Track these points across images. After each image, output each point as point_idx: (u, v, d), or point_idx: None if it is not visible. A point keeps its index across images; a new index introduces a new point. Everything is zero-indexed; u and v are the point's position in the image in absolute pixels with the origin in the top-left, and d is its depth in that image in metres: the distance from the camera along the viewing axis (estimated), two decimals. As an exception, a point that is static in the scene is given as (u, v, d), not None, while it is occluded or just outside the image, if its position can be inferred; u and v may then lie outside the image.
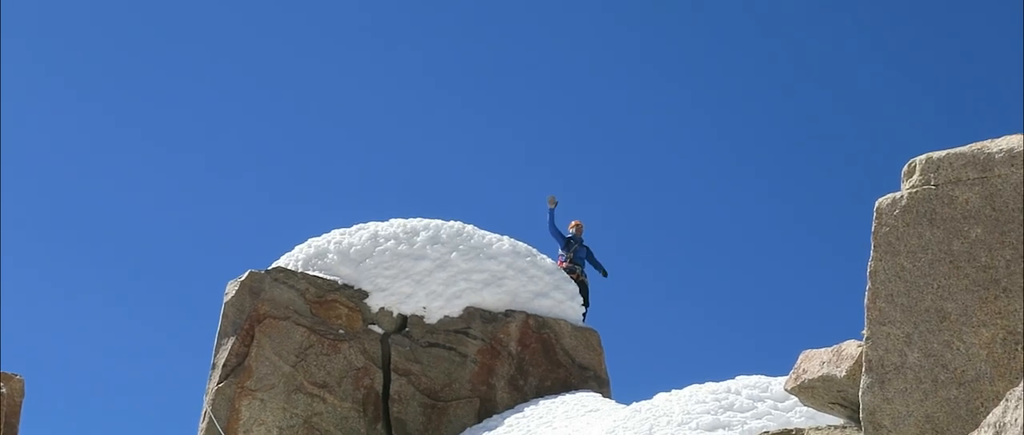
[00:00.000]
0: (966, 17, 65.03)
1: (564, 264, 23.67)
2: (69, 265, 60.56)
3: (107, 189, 61.99)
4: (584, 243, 24.30)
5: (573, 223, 24.42)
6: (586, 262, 24.17)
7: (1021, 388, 4.29)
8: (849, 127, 65.53)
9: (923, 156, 8.86)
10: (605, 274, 24.23)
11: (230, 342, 21.01)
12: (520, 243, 23.27)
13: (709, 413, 15.07)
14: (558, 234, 24.03)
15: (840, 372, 10.54)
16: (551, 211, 24.13)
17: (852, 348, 10.48)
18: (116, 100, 63.02)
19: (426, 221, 23.23)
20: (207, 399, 20.81)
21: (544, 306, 22.40)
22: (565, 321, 22.44)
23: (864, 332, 8.83)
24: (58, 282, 59.42)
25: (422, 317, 21.73)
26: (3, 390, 17.58)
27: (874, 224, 8.83)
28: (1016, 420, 4.29)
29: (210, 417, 20.41)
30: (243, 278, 21.59)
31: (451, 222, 23.29)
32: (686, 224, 63.70)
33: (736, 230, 63.79)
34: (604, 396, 20.83)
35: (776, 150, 65.56)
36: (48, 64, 61.90)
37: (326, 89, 64.77)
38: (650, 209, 62.94)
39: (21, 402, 18.40)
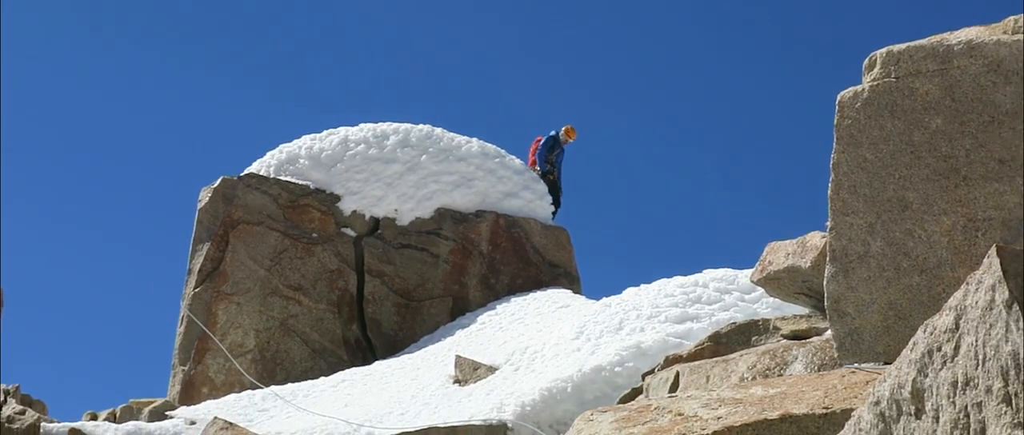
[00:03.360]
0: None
1: (537, 169, 23.51)
2: (41, 176, 60.34)
3: (75, 97, 61.64)
4: (564, 149, 24.10)
5: (570, 129, 23.92)
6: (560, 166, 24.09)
7: (981, 272, 4.36)
8: (810, 21, 65.50)
9: (884, 49, 8.86)
10: (556, 206, 23.84)
11: (205, 248, 21.05)
12: (489, 145, 23.28)
13: (677, 306, 15.18)
14: (546, 156, 23.73)
15: (805, 263, 10.61)
16: (557, 145, 23.80)
17: (816, 239, 10.55)
18: (84, 5, 62.44)
19: (395, 125, 23.21)
20: (184, 304, 20.87)
21: (514, 206, 22.47)
22: (535, 220, 22.51)
23: (828, 223, 8.87)
24: (31, 193, 59.24)
25: (394, 219, 21.78)
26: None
27: (836, 117, 8.84)
28: (977, 302, 4.35)
29: (189, 319, 20.47)
30: (216, 185, 21.59)
31: (420, 125, 23.28)
32: (651, 121, 63.73)
33: (701, 126, 63.93)
34: (574, 292, 20.97)
35: (739, 46, 65.53)
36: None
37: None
38: (616, 105, 62.90)
39: (0, 312, 18.40)
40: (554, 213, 23.32)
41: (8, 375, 19.97)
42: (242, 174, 21.86)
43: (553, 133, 23.88)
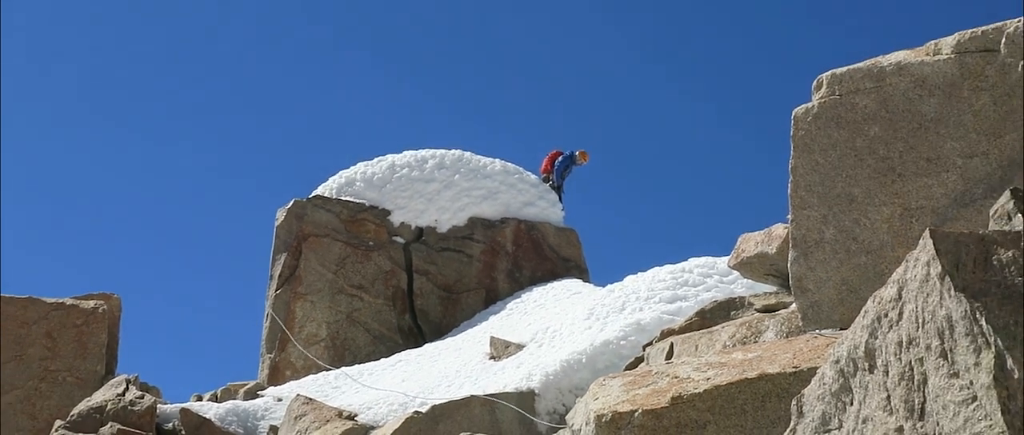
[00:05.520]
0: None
1: (552, 182, 23.42)
2: (152, 202, 60.76)
3: (178, 143, 62.03)
4: (574, 169, 23.97)
5: (584, 153, 23.83)
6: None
7: (918, 251, 4.34)
8: (769, 54, 65.66)
9: (829, 72, 8.85)
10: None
11: (283, 257, 21.07)
12: (509, 164, 23.28)
13: (668, 289, 15.14)
14: (562, 172, 23.62)
15: (771, 249, 10.60)
16: (569, 167, 23.66)
17: (780, 230, 10.54)
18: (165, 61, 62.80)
19: (432, 151, 23.21)
20: (268, 304, 20.89)
21: (532, 213, 22.45)
22: (549, 223, 22.49)
23: (789, 216, 8.86)
24: (143, 220, 59.66)
25: (435, 228, 21.78)
26: (106, 307, 17.62)
27: (792, 129, 8.83)
28: (916, 276, 4.33)
29: (271, 317, 20.50)
30: (289, 206, 21.61)
31: (453, 150, 23.27)
32: (647, 139, 63.91)
33: (682, 143, 64.14)
34: (584, 281, 20.93)
35: (709, 76, 65.72)
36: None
37: (343, 46, 64.70)
38: (611, 128, 63.05)
39: (120, 317, 18.46)
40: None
41: (128, 366, 20.04)
42: (310, 196, 21.88)
43: (570, 153, 23.78)
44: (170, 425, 14.07)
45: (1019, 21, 8.10)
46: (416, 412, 12.35)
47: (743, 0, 66.37)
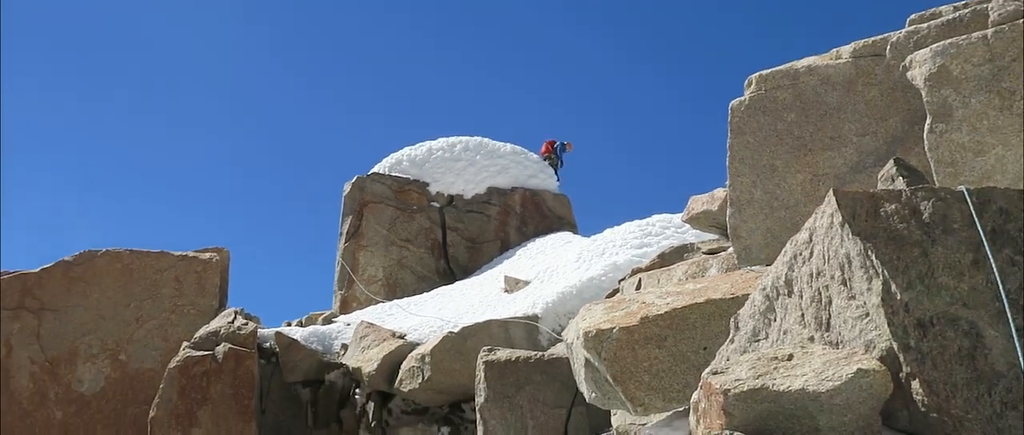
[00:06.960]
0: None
1: (550, 160, 23.80)
2: (252, 185, 60.96)
3: (272, 137, 62.09)
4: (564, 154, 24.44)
5: (569, 144, 24.58)
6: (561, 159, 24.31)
7: (824, 205, 4.33)
8: (710, 62, 65.55)
9: (756, 74, 8.81)
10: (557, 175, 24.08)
11: (349, 219, 21.11)
12: (518, 146, 23.26)
13: (637, 238, 15.16)
14: (559, 156, 24.13)
15: (714, 207, 10.59)
16: (563, 152, 24.21)
17: (720, 192, 10.52)
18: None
19: (460, 138, 23.18)
20: (338, 253, 20.96)
21: (534, 183, 22.45)
22: (548, 191, 22.49)
23: (727, 182, 8.84)
24: (248, 193, 59.87)
25: (462, 195, 21.78)
26: (218, 258, 17.66)
27: (729, 116, 8.80)
28: (822, 224, 4.31)
29: (341, 264, 20.55)
30: (353, 180, 21.62)
31: (475, 137, 23.25)
32: (623, 127, 63.88)
33: (650, 128, 64.18)
34: (574, 233, 20.94)
35: (669, 78, 65.60)
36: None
37: (397, 50, 64.62)
38: (591, 119, 63.05)
39: (228, 264, 18.47)
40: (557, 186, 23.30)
41: (235, 301, 20.08)
42: (368, 173, 21.89)
43: (561, 143, 24.36)
44: (267, 344, 14.15)
45: (900, 33, 8.03)
46: (450, 332, 12.38)
47: (685, 28, 66.32)
